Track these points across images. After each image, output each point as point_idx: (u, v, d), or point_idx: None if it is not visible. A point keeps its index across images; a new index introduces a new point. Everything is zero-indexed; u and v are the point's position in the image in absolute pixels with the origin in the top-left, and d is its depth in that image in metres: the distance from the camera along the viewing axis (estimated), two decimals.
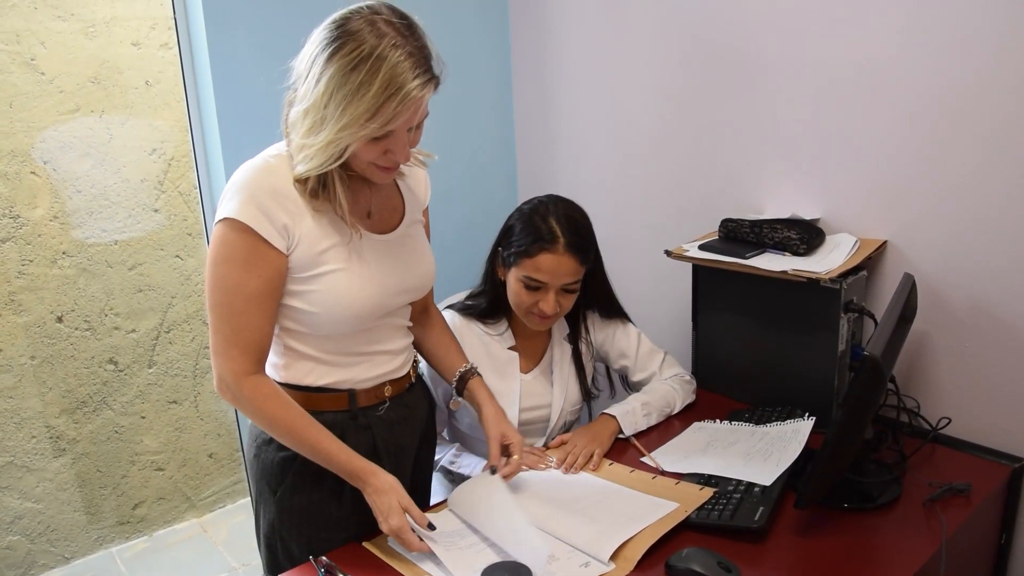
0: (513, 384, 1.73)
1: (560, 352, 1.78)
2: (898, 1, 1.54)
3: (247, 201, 1.20)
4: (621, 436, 1.66)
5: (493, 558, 1.26)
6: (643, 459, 1.57)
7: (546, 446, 1.67)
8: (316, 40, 1.18)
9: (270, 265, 1.22)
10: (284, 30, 1.94)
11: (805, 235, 1.65)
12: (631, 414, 1.68)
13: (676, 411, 1.76)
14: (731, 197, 1.92)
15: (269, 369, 1.34)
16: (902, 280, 1.52)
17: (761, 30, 1.78)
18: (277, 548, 1.40)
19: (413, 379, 1.50)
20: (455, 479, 1.72)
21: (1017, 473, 1.50)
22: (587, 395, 1.80)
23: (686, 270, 1.86)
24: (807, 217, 1.75)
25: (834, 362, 1.61)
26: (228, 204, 1.21)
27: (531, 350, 1.78)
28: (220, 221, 1.23)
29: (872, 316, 1.59)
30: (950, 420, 1.58)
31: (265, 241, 1.21)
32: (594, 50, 2.17)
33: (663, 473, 1.51)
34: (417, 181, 1.49)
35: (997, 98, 1.45)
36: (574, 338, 1.80)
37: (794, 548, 1.28)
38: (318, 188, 1.25)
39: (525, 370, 1.76)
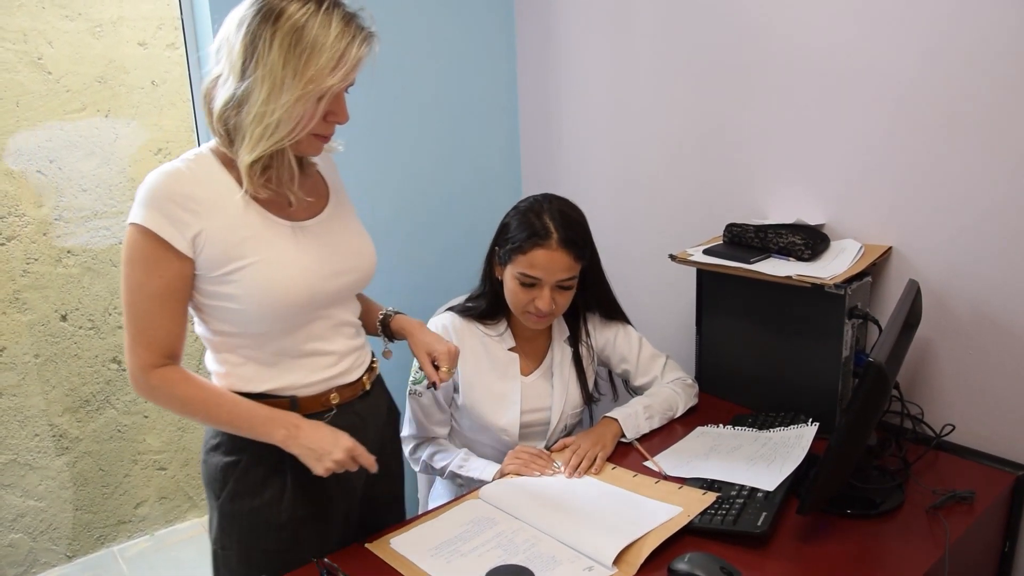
0: (513, 386, 1.73)
1: (560, 354, 1.78)
2: (905, 6, 1.54)
3: (149, 206, 1.20)
4: (624, 440, 1.66)
5: (495, 561, 1.26)
6: (646, 463, 1.57)
7: (548, 449, 1.67)
8: (244, 18, 1.18)
9: (170, 267, 1.22)
10: None
11: (810, 240, 1.65)
12: (633, 417, 1.68)
13: (678, 414, 1.76)
14: (736, 202, 1.92)
15: (211, 379, 1.34)
16: (907, 286, 1.52)
17: (767, 35, 1.78)
18: (220, 556, 1.38)
19: (367, 387, 1.45)
20: (465, 483, 1.71)
21: (1021, 481, 1.49)
22: (588, 398, 1.80)
23: (690, 274, 1.86)
24: (812, 222, 1.75)
25: (838, 368, 1.61)
26: (133, 209, 1.21)
27: (531, 352, 1.78)
28: (128, 226, 1.23)
29: (876, 322, 1.59)
30: (954, 427, 1.58)
31: (167, 244, 1.20)
32: (599, 54, 2.18)
33: (666, 477, 1.51)
34: (332, 165, 1.49)
35: (1003, 105, 1.45)
36: (574, 341, 1.80)
37: (797, 554, 1.27)
38: (259, 170, 1.25)
39: (525, 372, 1.76)
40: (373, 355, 1.51)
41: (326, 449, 1.25)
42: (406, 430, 1.78)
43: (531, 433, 1.76)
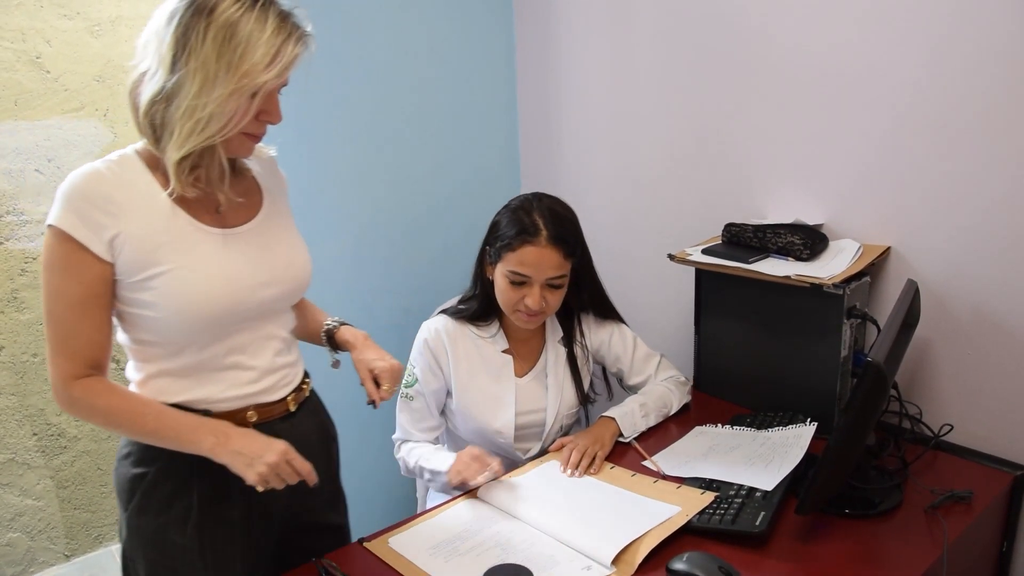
0: (508, 387, 1.72)
1: (554, 355, 1.77)
2: (905, 8, 1.54)
3: (65, 207, 1.15)
4: (622, 439, 1.66)
5: (494, 561, 1.26)
6: (644, 463, 1.57)
7: (545, 450, 1.67)
8: (176, 11, 1.13)
9: (90, 271, 1.16)
10: None
11: (808, 240, 1.65)
12: (630, 415, 1.68)
13: (673, 412, 1.76)
14: (735, 202, 1.92)
15: (130, 388, 1.28)
16: (905, 286, 1.52)
17: (766, 35, 1.78)
18: (130, 567, 1.34)
19: (292, 408, 1.36)
20: (431, 478, 1.66)
21: (1019, 481, 1.49)
22: (584, 399, 1.80)
23: (689, 274, 1.86)
24: (811, 222, 1.75)
25: (836, 368, 1.61)
26: (51, 211, 1.17)
27: (525, 353, 1.77)
28: (46, 228, 1.18)
29: (875, 322, 1.59)
30: (952, 427, 1.58)
31: (83, 247, 1.15)
32: (599, 54, 2.18)
33: (664, 477, 1.51)
34: (271, 171, 1.42)
35: (1002, 105, 1.45)
36: (568, 341, 1.79)
37: (795, 554, 1.28)
38: (187, 169, 1.19)
39: (520, 373, 1.75)
40: (307, 375, 1.45)
41: (257, 452, 1.18)
42: (396, 432, 1.78)
43: (527, 435, 1.75)
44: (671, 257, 1.79)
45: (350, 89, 2.09)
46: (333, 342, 1.50)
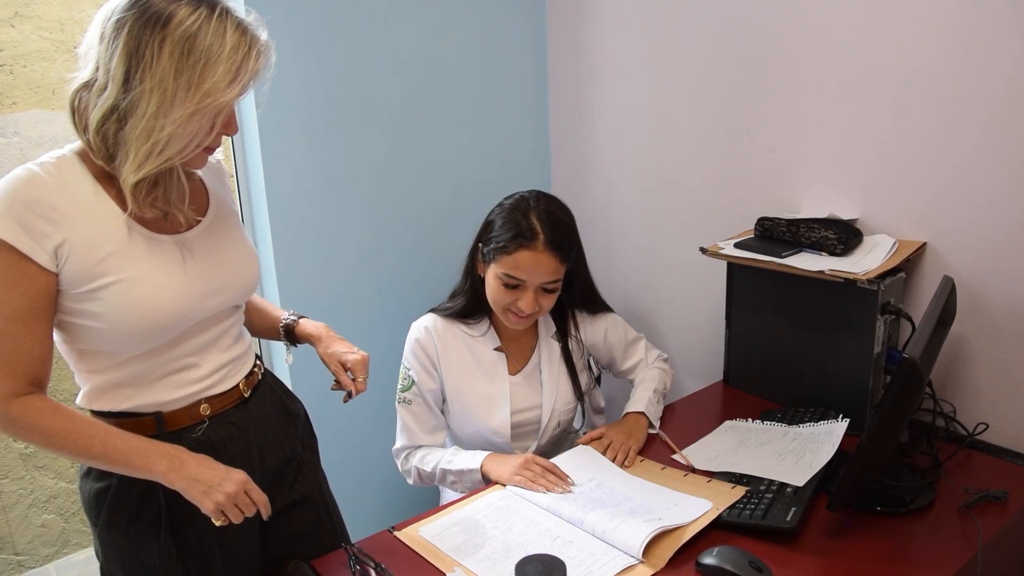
0: (502, 386, 1.71)
1: (548, 351, 1.75)
2: (943, 1, 1.52)
3: (4, 215, 1.08)
4: (651, 430, 1.66)
5: (524, 551, 1.26)
6: (674, 456, 1.57)
7: (543, 446, 1.66)
8: (124, 20, 1.06)
9: (33, 282, 1.09)
10: (320, 12, 1.96)
11: (842, 235, 1.63)
12: (651, 405, 1.70)
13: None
14: (767, 196, 1.90)
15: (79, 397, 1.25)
16: (941, 283, 1.50)
17: (799, 29, 1.76)
18: None
19: (246, 394, 1.33)
20: (456, 479, 1.65)
21: None
22: (580, 394, 1.78)
23: (721, 268, 1.85)
24: (845, 217, 1.73)
25: (869, 364, 1.60)
26: None
27: (518, 351, 1.75)
28: None
29: (909, 319, 1.57)
30: (987, 426, 1.56)
31: (26, 257, 1.08)
32: (630, 49, 2.16)
33: (694, 471, 1.51)
34: (216, 171, 1.37)
35: None
36: (563, 336, 1.77)
37: (825, 550, 1.27)
38: (145, 189, 1.14)
39: (513, 371, 1.73)
40: (258, 359, 1.41)
41: (215, 480, 1.15)
42: (397, 442, 1.75)
43: (523, 433, 1.74)
44: (703, 250, 1.78)
45: (381, 82, 2.10)
46: (292, 337, 1.47)
